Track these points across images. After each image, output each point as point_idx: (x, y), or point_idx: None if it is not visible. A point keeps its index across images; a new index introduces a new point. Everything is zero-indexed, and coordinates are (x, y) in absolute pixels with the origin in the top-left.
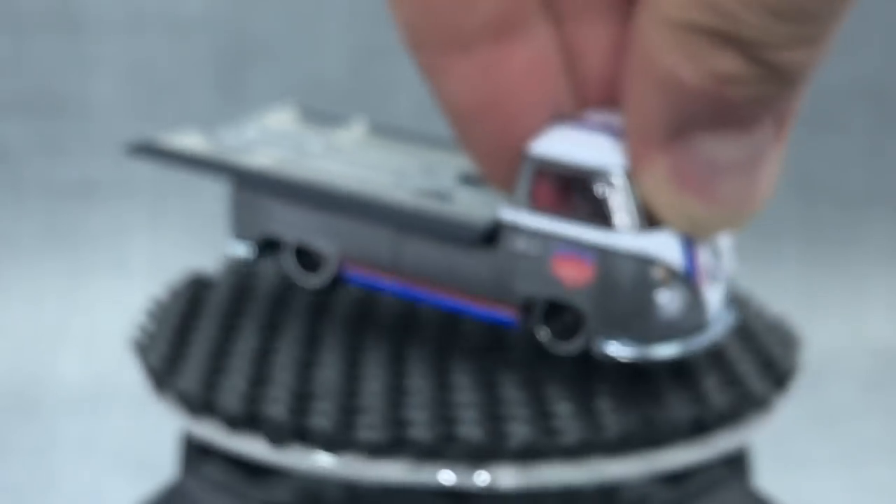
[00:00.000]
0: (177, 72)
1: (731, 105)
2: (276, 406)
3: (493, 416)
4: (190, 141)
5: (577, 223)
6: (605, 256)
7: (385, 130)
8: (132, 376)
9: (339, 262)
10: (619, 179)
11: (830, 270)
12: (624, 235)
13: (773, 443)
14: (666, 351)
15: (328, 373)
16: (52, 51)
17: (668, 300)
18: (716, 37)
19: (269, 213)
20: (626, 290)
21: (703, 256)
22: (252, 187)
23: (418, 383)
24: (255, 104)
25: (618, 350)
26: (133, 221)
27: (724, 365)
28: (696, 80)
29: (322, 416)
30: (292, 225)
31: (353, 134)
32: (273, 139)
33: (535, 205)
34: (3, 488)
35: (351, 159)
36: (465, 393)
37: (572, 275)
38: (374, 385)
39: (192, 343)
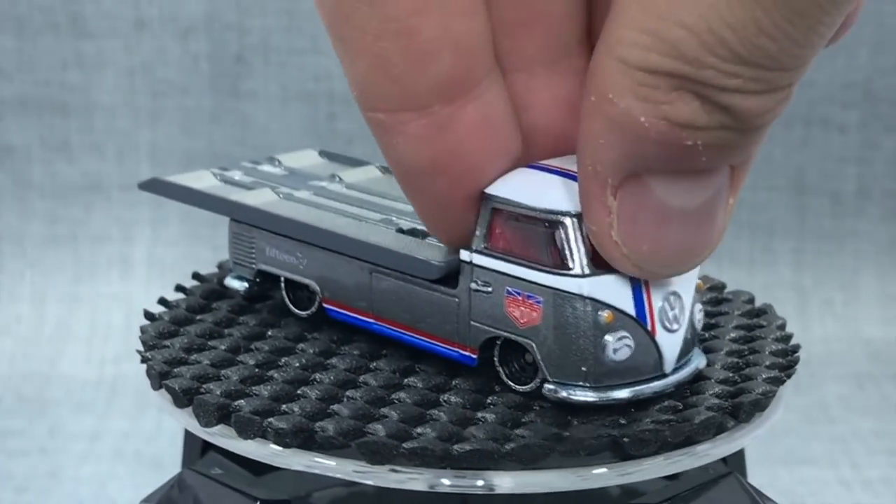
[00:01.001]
0: (178, 71)
1: (687, 151)
2: (250, 401)
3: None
4: (197, 180)
5: (530, 264)
6: (553, 298)
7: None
8: (135, 373)
9: (321, 297)
10: (570, 222)
11: (824, 267)
12: (573, 278)
13: (768, 439)
14: (615, 395)
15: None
16: (55, 51)
17: (617, 344)
18: (676, 80)
19: (261, 249)
20: (573, 333)
21: (658, 302)
22: (242, 224)
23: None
24: (254, 104)
25: (567, 393)
26: (135, 221)
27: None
28: (651, 124)
29: (282, 419)
30: (280, 261)
31: (364, 174)
32: (286, 177)
33: (491, 245)
34: (7, 484)
35: (349, 199)
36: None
37: (523, 315)
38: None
39: (189, 341)
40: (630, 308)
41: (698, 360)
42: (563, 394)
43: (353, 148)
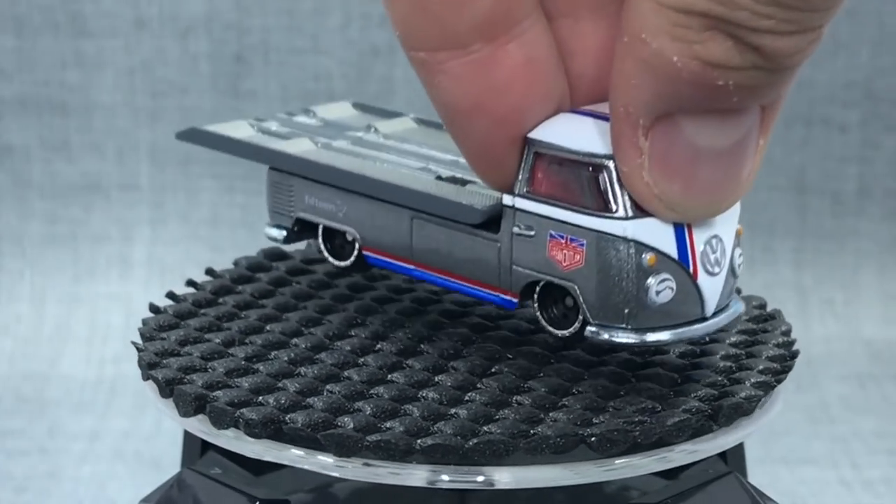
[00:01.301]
0: (178, 71)
1: (719, 91)
2: (225, 394)
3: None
4: (234, 129)
5: (573, 208)
6: (597, 241)
7: (431, 124)
8: (134, 373)
9: (361, 244)
10: (614, 165)
11: (825, 267)
12: (617, 221)
13: (769, 439)
14: (658, 337)
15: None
16: (54, 50)
17: (660, 286)
18: (709, 21)
19: (300, 197)
20: (616, 275)
21: (700, 245)
22: (281, 172)
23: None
24: (254, 104)
25: (609, 335)
26: (135, 221)
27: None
28: (684, 64)
29: (253, 410)
30: (319, 209)
31: (401, 125)
32: (322, 128)
33: (534, 189)
34: (7, 484)
35: (387, 148)
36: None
37: (566, 258)
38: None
39: (185, 334)
40: (673, 251)
41: (737, 306)
42: (605, 335)
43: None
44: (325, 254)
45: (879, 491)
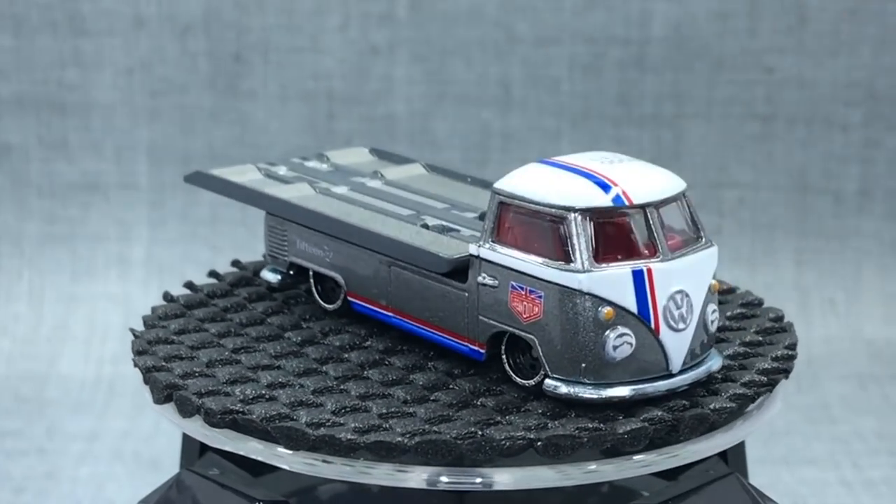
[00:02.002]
0: (177, 71)
1: None
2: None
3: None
4: (239, 174)
5: (533, 259)
6: (554, 293)
7: (441, 171)
8: (133, 373)
9: (345, 290)
10: (573, 217)
11: (826, 267)
12: (574, 273)
13: (770, 439)
14: (617, 393)
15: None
16: (53, 49)
17: (617, 341)
18: None
19: (292, 242)
20: (573, 329)
21: (663, 300)
22: (276, 217)
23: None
24: (253, 103)
25: (567, 389)
26: (134, 220)
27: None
28: None
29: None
30: (310, 254)
31: (409, 172)
32: (329, 173)
33: (498, 239)
34: (5, 485)
35: (384, 195)
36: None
37: (525, 310)
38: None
39: (185, 323)
40: (632, 305)
41: (713, 362)
42: (563, 390)
43: (351, 147)
44: (317, 297)
45: (881, 491)
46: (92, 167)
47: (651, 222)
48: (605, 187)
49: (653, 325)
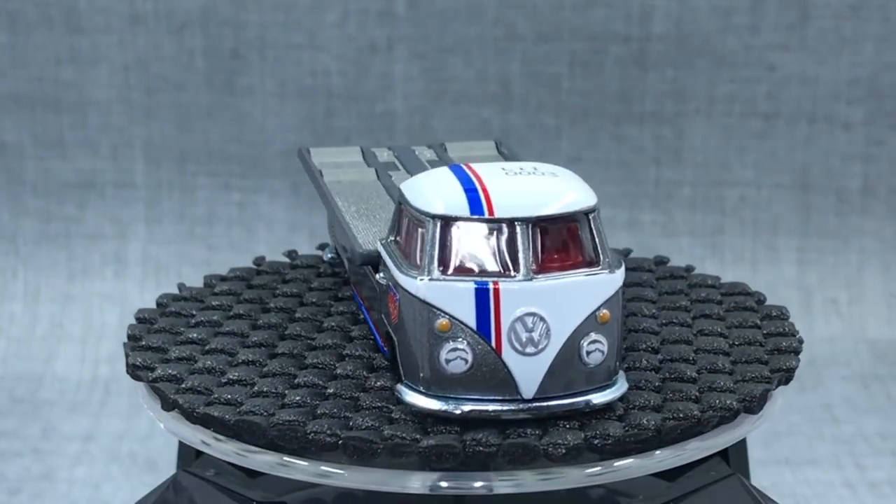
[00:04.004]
0: (173, 68)
1: None
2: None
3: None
4: (337, 154)
5: (399, 262)
6: (406, 298)
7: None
8: (126, 377)
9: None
10: (432, 224)
11: (828, 266)
12: (416, 280)
13: (772, 439)
14: (452, 407)
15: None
16: (48, 46)
17: (449, 355)
18: None
19: (331, 224)
20: (413, 336)
21: (508, 320)
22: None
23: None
24: (251, 100)
25: (408, 397)
26: (130, 219)
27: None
28: None
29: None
30: (335, 237)
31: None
32: (423, 162)
33: (394, 239)
34: (0, 486)
35: None
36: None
37: (392, 312)
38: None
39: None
40: (471, 320)
41: (594, 396)
42: (407, 397)
43: (350, 145)
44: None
45: (884, 492)
46: (88, 165)
47: (516, 238)
48: (474, 198)
49: (493, 345)
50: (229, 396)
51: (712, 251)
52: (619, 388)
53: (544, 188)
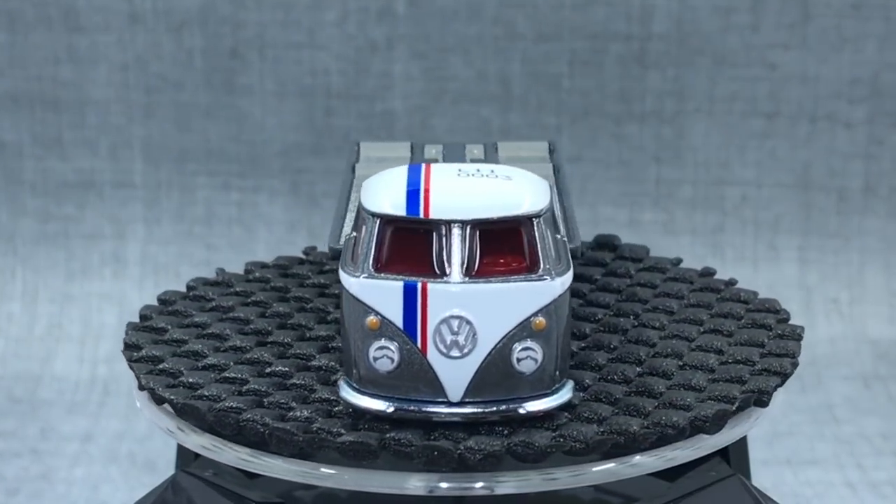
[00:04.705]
0: (172, 67)
1: None
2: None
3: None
4: (385, 150)
5: (349, 260)
6: (344, 294)
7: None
8: (128, 374)
9: None
10: (372, 222)
11: (830, 265)
12: (351, 276)
13: (773, 440)
14: (377, 405)
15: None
16: (47, 45)
17: (377, 353)
18: None
19: None
20: (349, 332)
21: (434, 322)
22: None
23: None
24: (250, 99)
25: (343, 391)
26: (129, 218)
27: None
28: None
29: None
30: None
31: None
32: (464, 160)
33: (353, 235)
34: None
35: None
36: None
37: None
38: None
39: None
40: (398, 320)
41: (529, 404)
42: (343, 392)
43: (349, 144)
44: None
45: (886, 493)
46: (86, 165)
47: (450, 240)
48: (413, 198)
49: (419, 345)
50: (192, 381)
51: (713, 250)
52: (557, 398)
53: (489, 191)
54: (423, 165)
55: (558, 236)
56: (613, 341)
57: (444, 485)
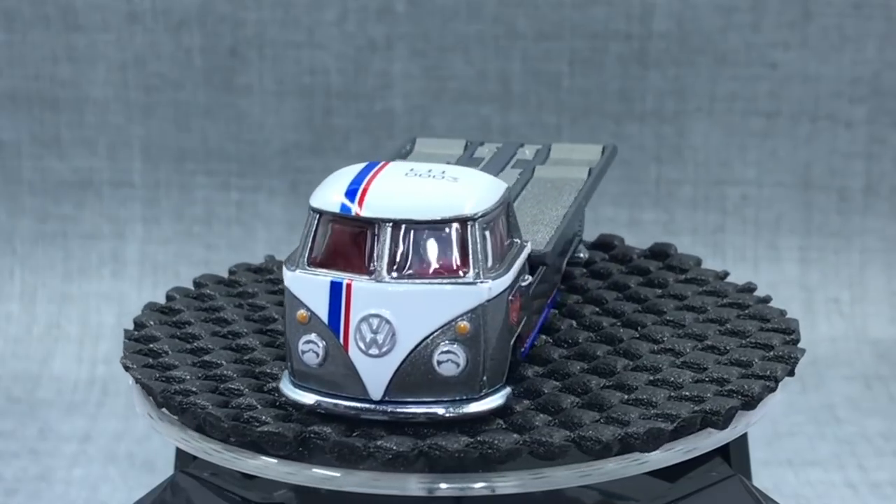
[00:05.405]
0: (171, 66)
1: None
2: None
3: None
4: (439, 146)
5: (296, 254)
6: (285, 289)
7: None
8: (126, 374)
9: None
10: (314, 218)
11: (831, 265)
12: (294, 272)
13: (774, 440)
14: (302, 398)
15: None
16: (45, 44)
17: (304, 346)
18: None
19: None
20: (286, 325)
21: (356, 319)
22: None
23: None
24: (249, 98)
25: (282, 382)
26: (127, 218)
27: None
28: None
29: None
30: None
31: (570, 173)
32: (513, 161)
33: None
34: None
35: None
36: None
37: None
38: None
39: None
40: (324, 314)
41: (450, 407)
42: (280, 384)
43: (349, 144)
44: None
45: (887, 493)
46: (85, 164)
47: (379, 239)
48: (351, 196)
49: (342, 341)
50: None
51: (714, 250)
52: (485, 403)
53: (428, 192)
54: (380, 164)
55: (516, 241)
56: (599, 351)
57: (443, 485)
